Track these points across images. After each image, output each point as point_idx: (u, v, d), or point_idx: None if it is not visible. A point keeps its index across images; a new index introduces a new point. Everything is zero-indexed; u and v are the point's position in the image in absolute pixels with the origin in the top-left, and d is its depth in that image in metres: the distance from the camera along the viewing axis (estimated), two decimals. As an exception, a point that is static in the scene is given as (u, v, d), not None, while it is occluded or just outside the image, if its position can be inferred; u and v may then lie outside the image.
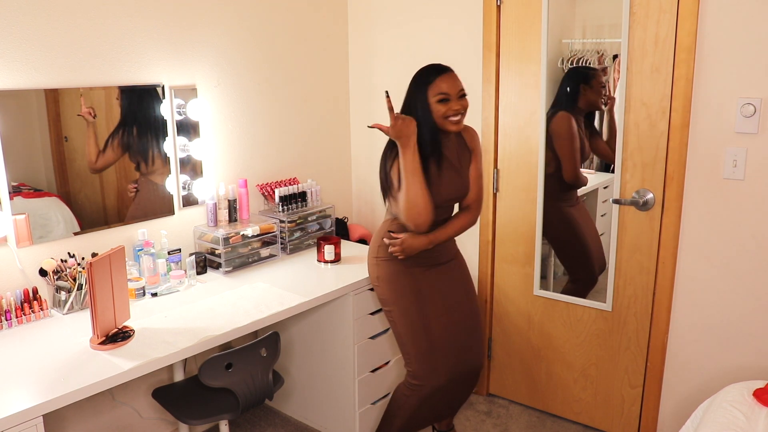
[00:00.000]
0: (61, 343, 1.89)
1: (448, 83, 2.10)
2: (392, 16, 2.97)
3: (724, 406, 1.89)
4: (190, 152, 2.53)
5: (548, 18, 2.49)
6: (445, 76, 2.11)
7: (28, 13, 2.01)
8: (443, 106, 2.10)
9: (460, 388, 2.41)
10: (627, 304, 2.52)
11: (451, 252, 2.34)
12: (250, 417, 2.83)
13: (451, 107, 2.10)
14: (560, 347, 2.74)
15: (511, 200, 2.75)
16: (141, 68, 2.33)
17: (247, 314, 2.11)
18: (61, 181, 2.16)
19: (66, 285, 2.09)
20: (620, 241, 2.48)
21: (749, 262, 2.22)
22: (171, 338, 1.92)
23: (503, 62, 2.66)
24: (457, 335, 2.31)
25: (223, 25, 2.59)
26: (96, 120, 2.21)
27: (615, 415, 2.65)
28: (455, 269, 2.34)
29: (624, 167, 2.42)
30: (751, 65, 2.09)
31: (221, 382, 1.99)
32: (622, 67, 2.34)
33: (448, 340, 2.28)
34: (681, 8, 2.18)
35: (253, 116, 2.77)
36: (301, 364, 2.71)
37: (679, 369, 2.43)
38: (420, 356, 2.26)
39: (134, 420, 2.51)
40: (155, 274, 2.33)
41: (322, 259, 2.65)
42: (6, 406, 1.53)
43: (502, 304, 2.89)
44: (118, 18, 2.24)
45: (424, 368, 2.26)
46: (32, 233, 2.09)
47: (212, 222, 2.60)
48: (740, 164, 2.17)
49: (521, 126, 2.66)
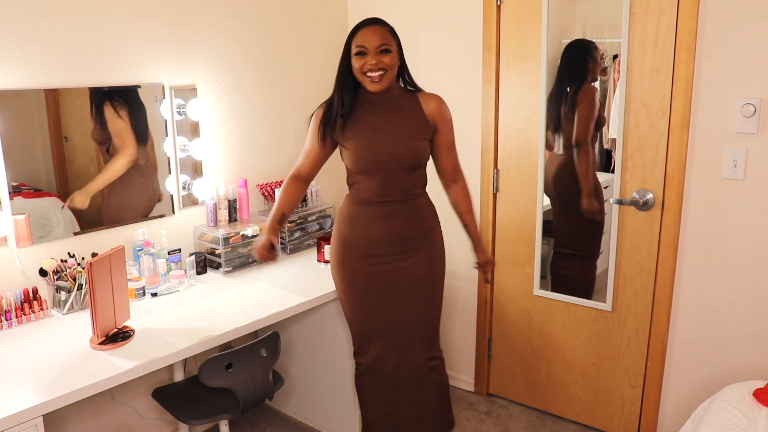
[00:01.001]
0: (61, 343, 1.89)
1: (366, 35, 1.98)
2: (392, 16, 2.95)
3: (724, 406, 1.89)
4: (190, 152, 2.53)
5: (548, 18, 2.49)
6: (366, 29, 1.99)
7: (28, 13, 2.01)
8: (359, 60, 1.98)
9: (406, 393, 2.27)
10: (627, 304, 2.52)
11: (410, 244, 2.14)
12: (250, 417, 2.83)
13: (367, 61, 1.97)
14: (560, 347, 2.74)
15: (511, 200, 2.75)
16: (141, 68, 2.33)
17: (247, 314, 2.11)
18: (61, 181, 2.16)
19: (66, 285, 2.09)
20: (620, 241, 2.48)
21: (749, 262, 2.21)
22: (171, 338, 1.91)
23: (503, 62, 2.66)
24: (400, 331, 2.19)
25: (223, 25, 2.59)
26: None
27: (615, 415, 2.65)
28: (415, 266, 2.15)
29: (624, 167, 2.42)
30: (751, 65, 2.09)
31: (221, 382, 1.99)
32: (622, 67, 2.34)
33: (386, 334, 2.20)
34: (681, 8, 2.18)
35: (253, 116, 2.77)
36: (301, 364, 2.71)
37: (679, 369, 2.43)
38: (356, 338, 2.28)
39: (134, 420, 2.51)
40: (155, 274, 2.33)
41: (322, 259, 2.65)
42: (6, 406, 1.53)
43: (502, 304, 2.89)
44: (118, 18, 2.24)
45: (360, 348, 2.27)
46: (32, 233, 2.09)
47: (212, 222, 2.60)
48: (740, 164, 2.16)
49: (521, 126, 2.66)
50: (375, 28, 2.00)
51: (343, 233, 2.18)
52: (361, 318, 2.22)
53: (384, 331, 2.21)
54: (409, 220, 2.13)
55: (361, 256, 2.14)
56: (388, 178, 2.07)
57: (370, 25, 2.01)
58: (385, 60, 1.98)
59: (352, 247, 2.15)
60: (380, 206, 2.10)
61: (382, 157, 2.05)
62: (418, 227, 2.14)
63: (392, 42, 2.02)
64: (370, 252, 2.13)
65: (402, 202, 2.11)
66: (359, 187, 2.13)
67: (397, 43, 2.05)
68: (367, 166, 2.07)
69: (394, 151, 2.04)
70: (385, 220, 2.11)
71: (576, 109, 2.57)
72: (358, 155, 2.07)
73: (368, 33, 1.99)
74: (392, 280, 2.15)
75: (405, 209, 2.12)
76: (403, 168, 2.07)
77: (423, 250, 2.16)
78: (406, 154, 2.05)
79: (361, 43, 1.98)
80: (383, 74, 1.99)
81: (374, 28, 2.00)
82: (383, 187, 2.08)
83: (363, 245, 2.13)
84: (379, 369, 2.25)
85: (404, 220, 2.12)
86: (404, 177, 2.08)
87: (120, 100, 2.27)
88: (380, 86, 2.01)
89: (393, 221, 2.11)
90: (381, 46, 1.97)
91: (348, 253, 2.16)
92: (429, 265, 2.18)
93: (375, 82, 1.99)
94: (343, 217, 2.19)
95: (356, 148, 2.06)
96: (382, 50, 1.98)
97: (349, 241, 2.16)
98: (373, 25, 2.01)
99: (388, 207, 2.10)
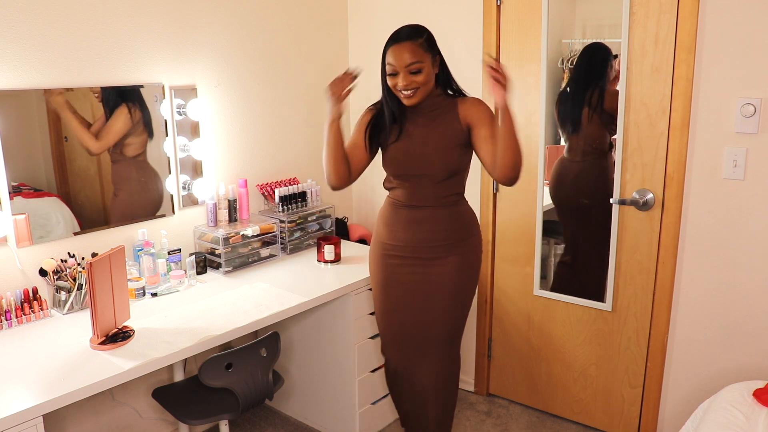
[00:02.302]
0: (61, 343, 1.89)
1: (396, 54, 1.95)
2: (392, 16, 2.97)
3: (724, 406, 1.88)
4: (190, 152, 2.53)
5: (548, 18, 2.49)
6: (394, 47, 1.96)
7: (27, 13, 2.01)
8: (392, 79, 1.99)
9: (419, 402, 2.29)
10: (627, 304, 2.52)
11: (439, 252, 2.12)
12: (250, 417, 2.83)
13: (398, 81, 1.97)
14: (560, 347, 2.74)
15: (511, 200, 2.75)
16: (141, 68, 2.33)
17: (247, 314, 2.11)
18: (61, 181, 2.16)
19: (66, 285, 2.09)
20: (620, 241, 2.48)
21: (749, 262, 2.21)
22: (171, 338, 1.91)
23: (503, 62, 2.66)
24: (416, 336, 2.21)
25: (223, 25, 2.59)
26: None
27: (615, 415, 2.65)
28: (441, 274, 2.13)
29: (624, 167, 2.42)
30: (751, 65, 2.09)
31: (221, 382, 1.99)
32: (622, 67, 2.34)
33: (404, 337, 2.23)
34: (681, 8, 2.18)
35: (253, 116, 2.77)
36: (301, 364, 2.71)
37: (679, 369, 2.43)
38: (381, 335, 2.33)
39: (134, 420, 2.51)
40: (155, 274, 2.33)
41: (322, 259, 2.65)
42: (6, 406, 1.53)
43: (502, 304, 2.89)
44: (118, 18, 2.24)
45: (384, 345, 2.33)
46: (32, 233, 2.09)
47: (212, 222, 2.60)
48: (740, 164, 2.16)
49: (521, 126, 2.65)
50: (405, 45, 1.95)
51: (380, 233, 2.23)
52: (384, 316, 2.27)
53: (402, 333, 2.23)
54: (441, 227, 2.11)
55: (393, 256, 2.18)
56: (421, 185, 2.09)
57: (401, 42, 1.96)
58: (417, 79, 1.96)
59: (387, 246, 2.19)
60: (412, 210, 2.13)
61: (416, 166, 2.07)
62: (452, 235, 2.12)
63: (425, 57, 1.96)
64: (401, 254, 2.16)
65: (433, 207, 2.10)
66: (394, 191, 2.18)
67: (431, 55, 1.99)
68: (401, 173, 2.11)
69: (427, 161, 2.06)
70: (416, 224, 2.12)
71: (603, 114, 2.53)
72: (392, 163, 2.11)
73: (398, 51, 1.95)
74: (419, 285, 2.15)
75: (436, 215, 2.11)
76: (436, 176, 2.07)
77: (456, 258, 2.12)
78: (439, 163, 2.05)
79: (392, 62, 1.97)
80: (416, 91, 1.99)
81: (405, 45, 1.95)
82: (415, 193, 2.11)
83: (396, 246, 2.17)
84: (407, 373, 2.28)
85: (435, 227, 2.11)
86: (437, 184, 2.08)
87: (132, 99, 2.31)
88: (414, 101, 2.01)
89: (423, 226, 2.11)
90: (411, 65, 1.94)
91: (382, 251, 2.21)
92: (459, 274, 2.14)
93: (408, 98, 2.00)
94: (382, 218, 2.23)
95: (392, 156, 2.11)
96: (412, 70, 1.95)
97: (385, 240, 2.20)
98: (404, 42, 1.95)
99: (419, 212, 2.12)
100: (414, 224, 2.12)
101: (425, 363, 2.23)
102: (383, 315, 2.27)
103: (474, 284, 2.23)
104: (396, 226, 2.15)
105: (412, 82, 1.96)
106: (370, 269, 2.30)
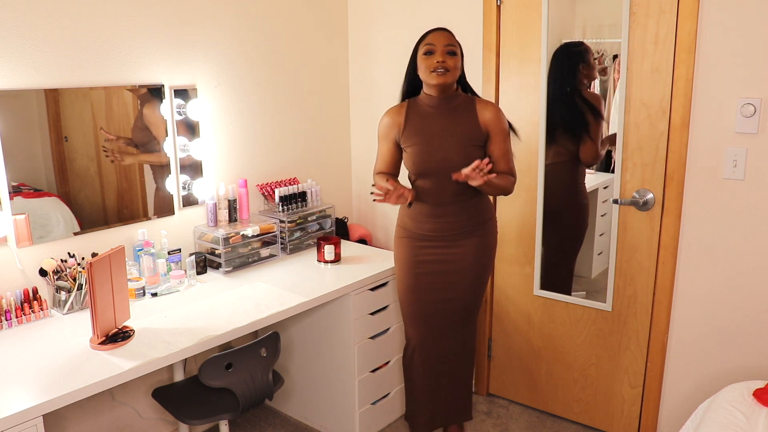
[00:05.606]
0: (61, 343, 1.89)
1: (435, 37, 2.17)
2: (392, 16, 2.97)
3: (724, 406, 1.88)
4: (190, 152, 2.53)
5: (548, 18, 2.49)
6: (435, 32, 2.19)
7: (28, 13, 2.01)
8: (428, 59, 2.16)
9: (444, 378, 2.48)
10: (627, 304, 2.52)
11: (461, 235, 2.28)
12: (250, 417, 2.83)
13: (434, 59, 2.14)
14: (560, 347, 2.74)
15: (511, 200, 2.75)
16: (141, 68, 2.33)
17: (247, 314, 2.11)
18: (61, 181, 2.16)
19: (66, 285, 2.09)
20: (620, 241, 2.48)
21: (749, 262, 2.21)
22: (171, 338, 1.92)
23: (503, 62, 2.66)
24: (441, 313, 2.37)
25: (223, 25, 2.59)
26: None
27: (615, 415, 2.65)
28: (462, 254, 2.30)
29: (624, 167, 2.42)
30: (751, 65, 2.09)
31: (221, 382, 1.99)
32: (622, 67, 2.34)
33: (428, 315, 2.38)
34: (681, 8, 2.18)
35: (253, 116, 2.77)
36: (301, 364, 2.71)
37: (679, 369, 2.43)
38: (405, 317, 2.46)
39: (134, 420, 2.51)
40: (155, 274, 2.33)
41: (322, 259, 2.65)
42: (6, 406, 1.53)
43: (502, 304, 2.89)
44: (119, 18, 2.24)
45: (408, 327, 2.45)
46: (32, 233, 2.09)
47: (212, 222, 2.60)
48: (740, 164, 2.16)
49: (521, 126, 2.65)
50: (444, 32, 2.19)
51: (405, 223, 2.37)
52: (408, 292, 2.38)
53: (427, 311, 2.37)
54: (462, 217, 2.28)
55: (419, 238, 2.32)
56: (442, 182, 2.22)
57: (440, 30, 2.20)
58: (450, 62, 2.15)
59: (412, 233, 2.34)
60: (433, 207, 2.28)
61: (436, 164, 2.21)
62: (472, 221, 2.30)
63: (458, 46, 2.19)
64: (426, 237, 2.31)
65: (452, 203, 2.26)
66: (416, 187, 2.30)
67: (461, 51, 2.21)
68: (422, 170, 2.24)
69: (447, 158, 2.20)
70: (437, 218, 2.28)
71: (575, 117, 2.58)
72: (414, 160, 2.25)
73: (438, 34, 2.18)
74: (442, 264, 2.31)
75: (456, 210, 2.27)
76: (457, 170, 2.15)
77: (476, 239, 2.31)
78: (458, 161, 2.17)
79: (431, 42, 2.16)
80: (446, 72, 2.15)
81: (444, 32, 2.19)
82: (436, 189, 2.24)
83: (421, 234, 2.32)
84: (424, 350, 2.42)
85: (456, 218, 2.28)
86: (457, 181, 2.17)
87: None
88: (443, 79, 2.15)
89: (444, 219, 2.28)
90: (448, 46, 2.15)
91: (407, 235, 2.36)
92: (480, 252, 2.32)
93: (440, 75, 2.14)
94: (406, 211, 2.37)
95: (414, 154, 2.25)
96: (448, 51, 2.15)
97: (410, 228, 2.35)
98: (443, 31, 2.20)
99: (440, 208, 2.27)
100: (437, 217, 2.28)
101: (445, 338, 2.41)
102: (407, 291, 2.38)
103: (491, 264, 2.43)
104: (420, 218, 2.31)
105: (447, 59, 2.14)
106: (395, 253, 2.43)
